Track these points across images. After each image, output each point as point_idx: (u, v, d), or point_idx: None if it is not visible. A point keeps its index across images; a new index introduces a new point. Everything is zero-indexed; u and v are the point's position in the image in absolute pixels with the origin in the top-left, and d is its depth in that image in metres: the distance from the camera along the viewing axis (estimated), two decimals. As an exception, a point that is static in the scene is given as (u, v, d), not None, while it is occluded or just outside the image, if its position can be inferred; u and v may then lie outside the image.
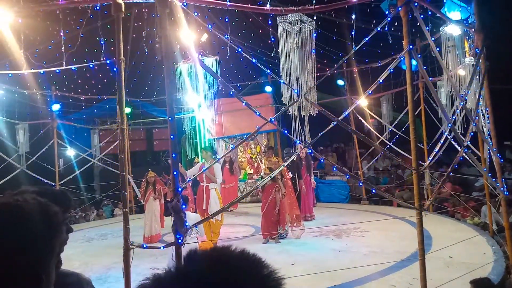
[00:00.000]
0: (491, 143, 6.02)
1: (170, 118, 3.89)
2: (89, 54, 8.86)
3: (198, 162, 9.58)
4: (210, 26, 4.66)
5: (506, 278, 5.36)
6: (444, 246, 5.98)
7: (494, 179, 6.00)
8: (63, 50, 5.53)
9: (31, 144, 11.47)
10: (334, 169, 12.59)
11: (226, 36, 4.88)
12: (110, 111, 14.02)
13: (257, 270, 0.72)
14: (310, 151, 5.38)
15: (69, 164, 12.35)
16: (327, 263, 6.28)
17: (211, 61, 10.03)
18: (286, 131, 4.93)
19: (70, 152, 12.51)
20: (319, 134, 4.40)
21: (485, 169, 6.27)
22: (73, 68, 5.31)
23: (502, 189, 5.90)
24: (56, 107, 11.33)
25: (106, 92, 12.78)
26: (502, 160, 6.63)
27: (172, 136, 3.83)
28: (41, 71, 5.65)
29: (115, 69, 4.15)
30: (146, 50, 8.64)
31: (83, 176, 12.70)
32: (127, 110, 12.07)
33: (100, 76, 12.26)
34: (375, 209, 10.90)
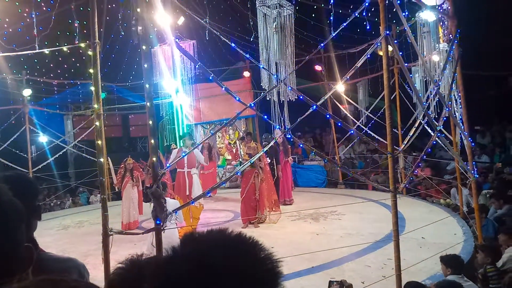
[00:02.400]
0: (463, 128, 6.21)
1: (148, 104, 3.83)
2: (62, 37, 8.57)
3: (175, 148, 9.50)
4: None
5: (475, 257, 5.61)
6: (417, 228, 6.19)
7: (465, 163, 6.21)
8: (35, 33, 5.32)
9: (2, 131, 11.08)
10: (312, 153, 12.77)
11: (206, 20, 4.81)
12: (84, 96, 13.67)
13: (254, 253, 0.73)
14: (289, 136, 5.41)
15: (42, 151, 12.02)
16: (305, 245, 6.41)
17: (188, 45, 9.88)
18: (265, 117, 4.94)
19: (43, 138, 12.17)
20: (299, 119, 4.43)
21: (456, 152, 6.48)
22: (47, 52, 5.12)
23: (472, 172, 6.12)
24: (27, 92, 10.95)
25: (79, 76, 12.42)
26: (473, 144, 6.87)
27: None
28: (13, 54, 5.43)
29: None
30: (123, 32, 8.40)
31: (57, 163, 12.41)
32: (102, 95, 11.79)
33: (73, 60, 11.89)
34: (351, 193, 11.14)
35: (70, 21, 6.67)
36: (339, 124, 4.47)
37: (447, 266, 4.24)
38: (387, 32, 4.48)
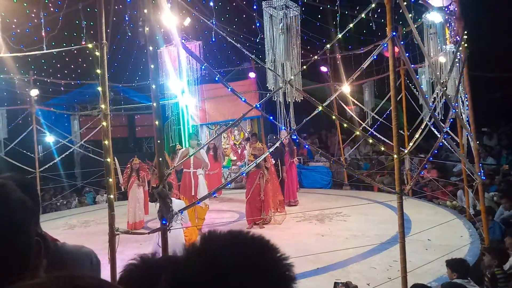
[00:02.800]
0: (469, 129, 6.17)
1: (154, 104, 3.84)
2: (69, 38, 8.63)
3: (180, 149, 9.52)
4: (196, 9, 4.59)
5: (481, 260, 5.57)
6: (423, 229, 6.16)
7: (472, 164, 6.17)
8: (43, 34, 5.36)
9: (9, 130, 11.19)
10: (318, 154, 12.76)
11: (213, 21, 4.83)
12: (90, 97, 13.75)
13: (270, 253, 0.74)
14: (295, 137, 5.42)
15: (48, 151, 12.11)
16: (310, 246, 6.40)
17: (194, 46, 9.90)
18: (271, 117, 4.95)
19: (50, 138, 12.26)
20: (304, 120, 4.43)
21: (463, 154, 6.44)
22: (54, 52, 5.16)
23: (479, 174, 6.09)
24: (34, 92, 11.04)
25: (85, 77, 12.49)
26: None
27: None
28: (21, 54, 5.48)
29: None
30: (129, 33, 8.44)
31: (64, 163, 12.49)
32: (108, 95, 11.81)
33: (80, 60, 11.98)
34: (357, 194, 11.11)
35: (77, 22, 6.71)
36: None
37: (453, 270, 4.21)
38: (394, 33, 4.47)
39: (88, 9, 7.79)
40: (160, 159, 3.82)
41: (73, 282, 0.62)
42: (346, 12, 7.48)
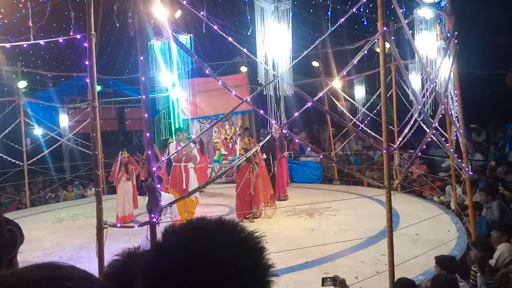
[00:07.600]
0: (458, 125, 6.23)
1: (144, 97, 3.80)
2: (58, 29, 8.49)
3: (172, 142, 9.47)
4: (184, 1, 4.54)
5: (467, 254, 5.65)
6: (411, 224, 6.22)
7: (460, 160, 6.24)
8: (30, 24, 5.26)
9: (-4, 123, 11.02)
10: (308, 149, 12.79)
11: (203, 13, 4.78)
12: (79, 89, 13.59)
13: (235, 234, 0.74)
14: (285, 131, 5.41)
15: (37, 144, 11.96)
16: (299, 241, 6.42)
17: (185, 39, 9.82)
18: (261, 111, 4.93)
19: (38, 131, 12.11)
20: (295, 114, 4.43)
21: (451, 150, 6.50)
22: (42, 43, 5.07)
23: (467, 169, 6.15)
24: (22, 84, 10.87)
25: (75, 69, 12.34)
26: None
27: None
28: (8, 45, 5.38)
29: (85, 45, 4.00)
30: (117, 25, 8.33)
31: (52, 156, 12.36)
32: (98, 88, 11.69)
33: (69, 52, 11.81)
34: (347, 189, 11.17)
35: (66, 12, 6.60)
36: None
37: (443, 268, 4.25)
38: (385, 28, 4.47)
39: (77, 0, 7.67)
40: (149, 152, 3.79)
41: (56, 272, 0.61)
42: (338, 7, 7.47)
